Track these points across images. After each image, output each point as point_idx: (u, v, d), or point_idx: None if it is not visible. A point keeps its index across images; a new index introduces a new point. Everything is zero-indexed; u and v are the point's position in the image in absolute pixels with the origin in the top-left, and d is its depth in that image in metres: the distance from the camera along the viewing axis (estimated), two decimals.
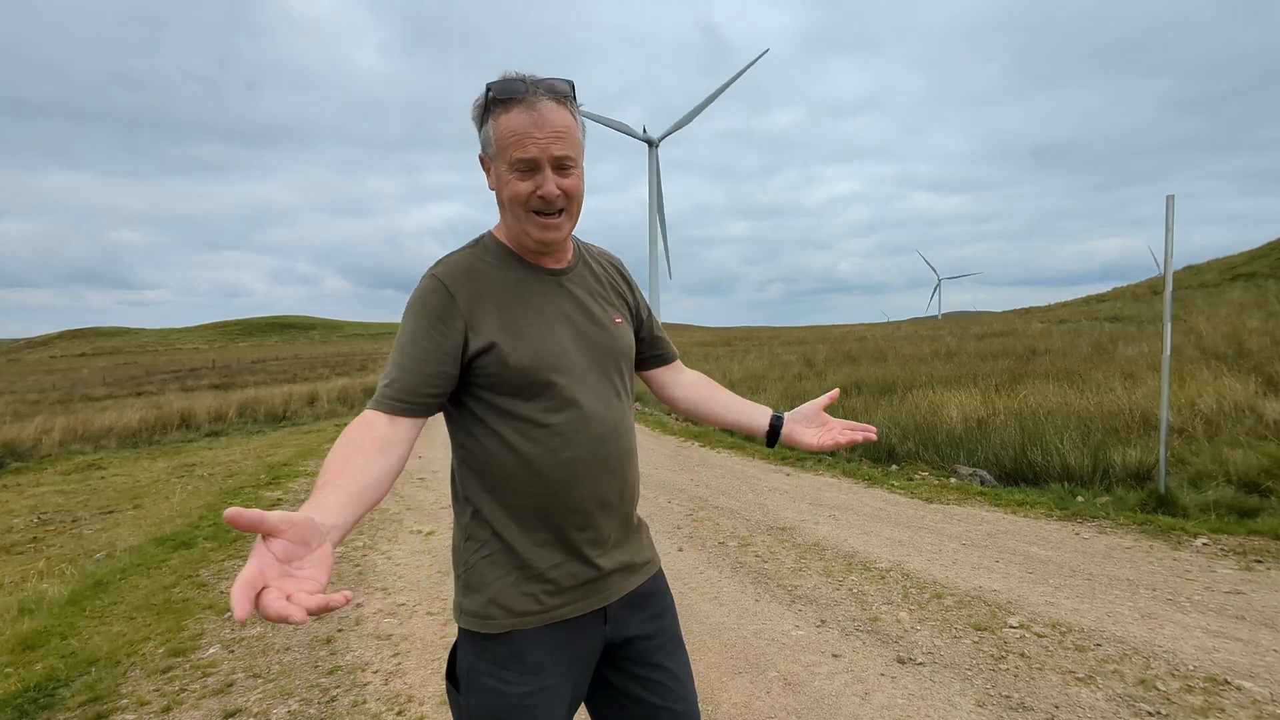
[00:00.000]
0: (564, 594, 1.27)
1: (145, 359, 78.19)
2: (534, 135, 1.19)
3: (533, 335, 1.25)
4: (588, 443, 1.27)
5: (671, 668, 1.38)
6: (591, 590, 1.30)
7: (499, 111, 1.21)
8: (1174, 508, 4.89)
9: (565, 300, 1.33)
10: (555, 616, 1.26)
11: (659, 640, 1.38)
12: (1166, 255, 5.06)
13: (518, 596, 1.24)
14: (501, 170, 1.24)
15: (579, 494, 1.26)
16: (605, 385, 1.32)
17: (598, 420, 1.28)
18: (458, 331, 1.22)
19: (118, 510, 6.94)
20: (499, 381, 1.23)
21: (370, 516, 5.99)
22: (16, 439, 12.32)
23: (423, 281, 1.28)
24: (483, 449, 1.26)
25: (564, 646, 1.27)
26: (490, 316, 1.24)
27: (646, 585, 1.40)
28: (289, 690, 2.99)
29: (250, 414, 16.04)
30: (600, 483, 1.28)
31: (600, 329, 1.34)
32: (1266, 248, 34.48)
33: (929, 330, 27.58)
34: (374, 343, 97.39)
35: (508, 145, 1.21)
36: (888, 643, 3.21)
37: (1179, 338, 11.68)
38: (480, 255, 1.31)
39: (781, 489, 6.39)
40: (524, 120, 1.19)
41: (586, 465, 1.26)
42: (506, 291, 1.27)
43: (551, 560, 1.26)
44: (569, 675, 1.28)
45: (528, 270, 1.31)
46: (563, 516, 1.26)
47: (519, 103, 1.20)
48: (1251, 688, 2.65)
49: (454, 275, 1.26)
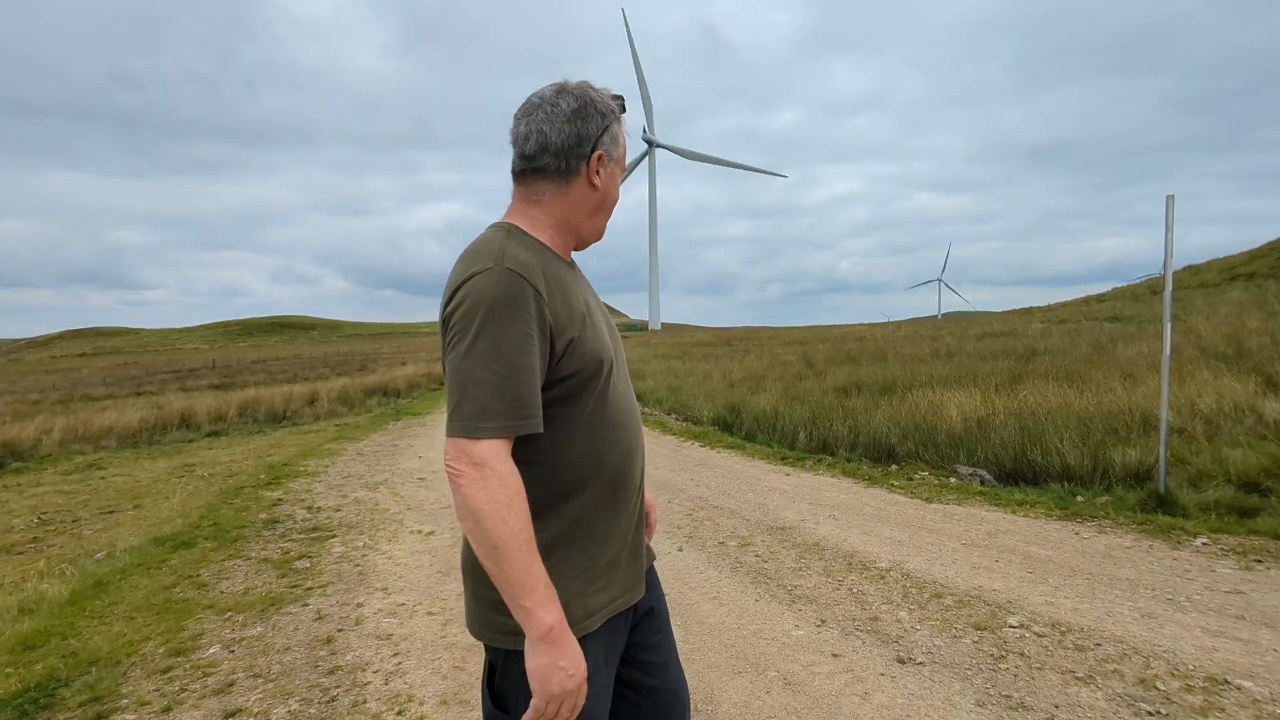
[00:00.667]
0: (615, 586, 1.27)
1: (145, 359, 78.23)
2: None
3: (590, 324, 1.26)
4: (634, 429, 1.32)
5: (667, 648, 1.41)
6: (635, 578, 1.32)
7: (619, 118, 1.32)
8: (1174, 507, 4.89)
9: (589, 292, 1.36)
10: (611, 611, 1.26)
11: (659, 620, 1.41)
12: (1166, 255, 5.07)
13: (585, 600, 1.21)
14: (615, 171, 1.33)
15: (633, 481, 1.31)
16: (627, 370, 1.39)
17: (633, 406, 1.35)
18: (548, 329, 1.17)
19: (118, 510, 6.94)
20: (576, 376, 1.20)
21: (370, 516, 5.99)
22: (16, 439, 12.31)
23: (495, 278, 1.13)
24: (550, 448, 1.20)
25: (613, 641, 1.27)
26: (560, 310, 1.20)
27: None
28: (289, 690, 2.99)
29: (250, 414, 16.03)
30: (638, 466, 1.33)
31: (608, 316, 1.39)
32: (1266, 248, 34.46)
33: (929, 330, 27.57)
34: (374, 343, 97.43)
35: (625, 150, 1.34)
36: (888, 642, 3.21)
37: (1179, 338, 11.68)
38: (529, 245, 1.24)
39: (781, 489, 6.40)
40: (626, 138, 1.34)
41: (633, 453, 1.31)
42: (561, 284, 1.24)
43: (612, 552, 1.27)
44: (614, 665, 1.29)
45: (561, 262, 1.31)
46: (622, 505, 1.28)
47: (621, 117, 1.33)
48: (1251, 687, 2.65)
49: (530, 270, 1.17)
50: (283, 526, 5.73)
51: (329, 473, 8.28)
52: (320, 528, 5.65)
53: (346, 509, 6.30)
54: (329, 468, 8.65)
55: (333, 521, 5.85)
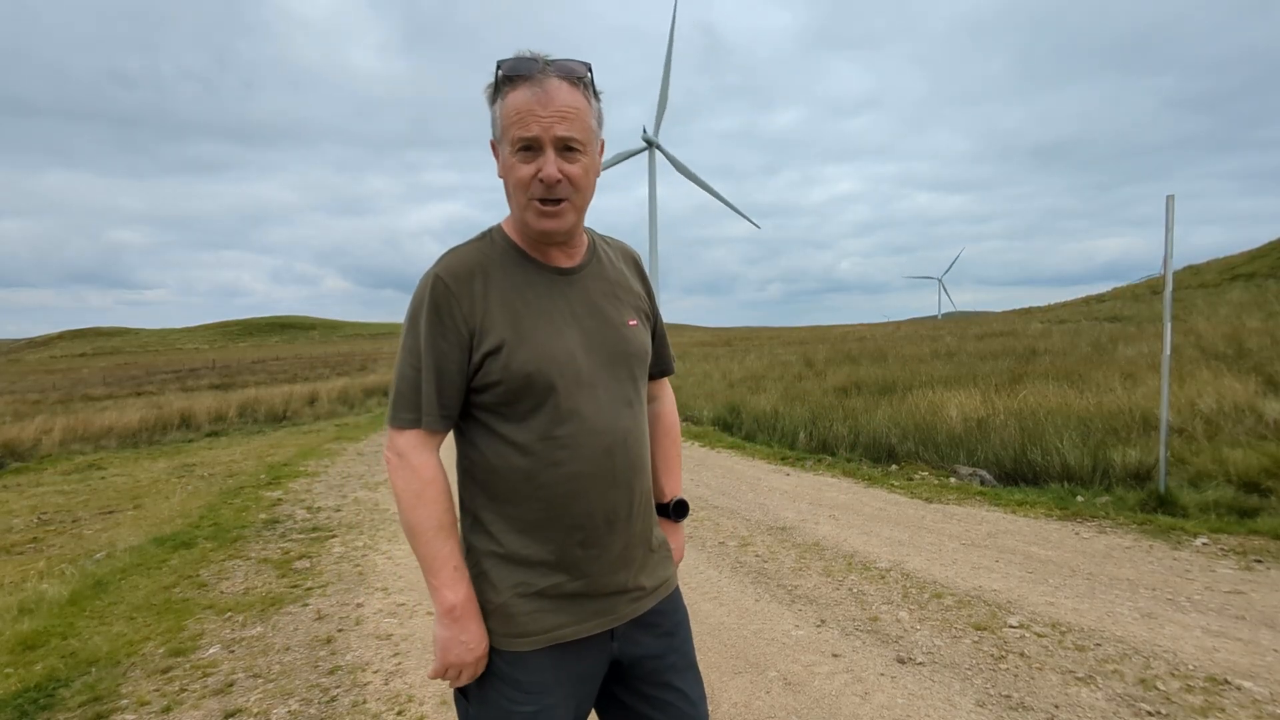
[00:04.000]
0: (564, 614, 1.21)
1: (145, 359, 78.20)
2: (537, 113, 1.12)
3: (536, 339, 1.19)
4: (593, 455, 1.20)
5: (682, 688, 1.32)
6: (595, 613, 1.24)
7: (507, 90, 1.15)
8: (1174, 507, 4.89)
9: (577, 300, 1.25)
10: (555, 638, 1.21)
11: (670, 659, 1.32)
12: (1166, 255, 5.07)
13: (517, 615, 1.20)
14: (506, 153, 1.17)
15: (583, 510, 1.20)
16: (616, 392, 1.25)
17: (605, 431, 1.21)
18: (465, 334, 1.18)
19: (118, 510, 6.94)
20: (500, 387, 1.18)
21: (370, 516, 5.99)
22: (17, 439, 12.31)
23: (424, 280, 1.21)
24: (485, 460, 1.22)
25: (567, 666, 1.22)
26: (495, 317, 1.18)
27: (659, 604, 1.33)
28: (289, 690, 2.98)
29: (250, 414, 16.04)
30: (607, 498, 1.22)
31: (613, 331, 1.27)
32: (1266, 248, 34.46)
33: (929, 330, 27.57)
34: (374, 343, 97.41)
35: (511, 124, 1.14)
36: (888, 642, 3.21)
37: (1179, 338, 11.68)
38: (485, 250, 1.24)
39: (781, 489, 6.39)
40: (529, 98, 1.13)
41: (591, 480, 1.20)
42: (512, 290, 1.21)
43: (552, 579, 1.21)
44: (573, 693, 1.23)
45: (535, 268, 1.24)
46: (566, 533, 1.20)
47: (527, 80, 1.14)
48: (1251, 687, 2.65)
49: (456, 273, 1.20)
50: (283, 526, 5.73)
51: (329, 473, 8.28)
52: (320, 528, 5.65)
53: (346, 509, 6.30)
54: (329, 468, 8.65)
55: (333, 521, 5.85)
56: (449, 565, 1.18)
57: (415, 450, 1.19)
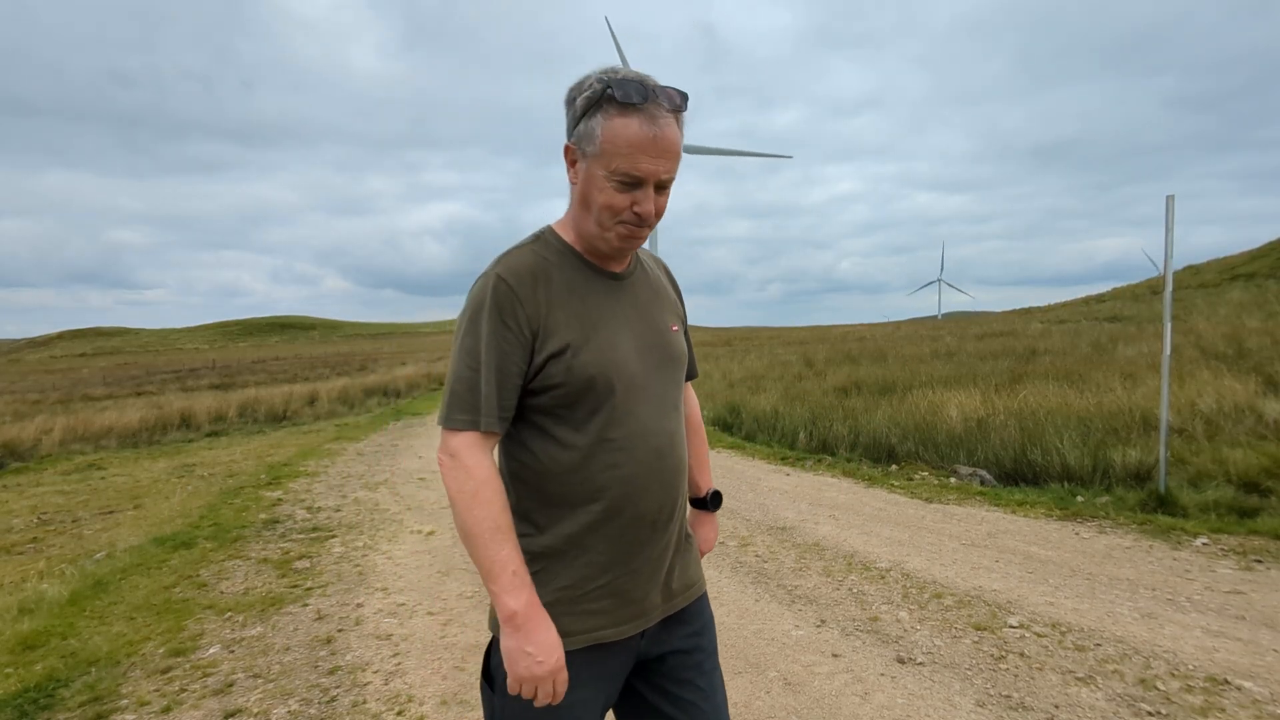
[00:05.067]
0: (605, 614, 1.22)
1: (145, 359, 78.21)
2: (649, 155, 1.11)
3: (599, 342, 1.19)
4: (646, 458, 1.21)
5: (704, 687, 1.33)
6: (633, 615, 1.25)
7: (613, 113, 1.11)
8: (1174, 507, 4.89)
9: (628, 305, 1.27)
10: (595, 639, 1.22)
11: (696, 657, 1.33)
12: (1166, 255, 5.06)
13: (560, 615, 1.20)
14: (598, 174, 1.14)
15: (636, 511, 1.21)
16: (665, 396, 1.27)
17: (656, 433, 1.23)
18: (528, 336, 1.17)
19: (118, 510, 6.94)
20: (561, 390, 1.17)
21: (371, 516, 5.99)
22: (16, 439, 12.32)
23: (483, 281, 1.19)
24: (537, 462, 1.21)
25: (599, 664, 1.23)
26: (558, 319, 1.18)
27: (690, 605, 1.35)
28: (289, 690, 2.98)
29: (250, 414, 16.04)
30: (656, 499, 1.23)
31: (661, 336, 1.29)
32: (1266, 248, 34.49)
33: (929, 330, 27.58)
34: (374, 343, 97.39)
35: (617, 155, 1.11)
36: (887, 642, 3.21)
37: (1179, 338, 11.68)
38: (542, 252, 1.23)
39: (781, 489, 6.40)
40: (643, 135, 1.10)
41: (645, 481, 1.21)
42: (572, 294, 1.21)
43: (599, 580, 1.21)
44: (602, 689, 1.25)
45: (592, 272, 1.25)
46: (619, 534, 1.21)
47: (638, 111, 1.10)
48: (1251, 688, 2.65)
49: (518, 274, 1.19)
50: (283, 526, 5.73)
51: (329, 473, 8.28)
52: (320, 528, 5.65)
53: (346, 509, 6.30)
54: (329, 468, 8.65)
55: (333, 521, 5.85)
56: (507, 570, 1.13)
57: (469, 450, 1.16)
